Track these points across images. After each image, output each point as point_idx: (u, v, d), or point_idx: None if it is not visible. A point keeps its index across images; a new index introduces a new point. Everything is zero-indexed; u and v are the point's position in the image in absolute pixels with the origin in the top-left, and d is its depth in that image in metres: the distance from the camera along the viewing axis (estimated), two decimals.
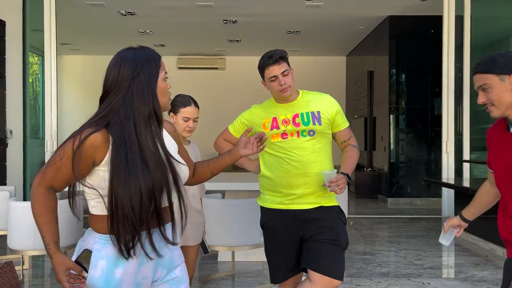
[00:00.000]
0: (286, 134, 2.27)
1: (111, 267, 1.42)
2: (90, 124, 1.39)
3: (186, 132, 2.56)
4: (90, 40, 9.59)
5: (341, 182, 2.15)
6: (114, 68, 1.44)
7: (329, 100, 2.33)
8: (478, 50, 7.01)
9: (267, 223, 2.35)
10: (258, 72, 2.37)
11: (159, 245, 1.46)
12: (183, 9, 7.27)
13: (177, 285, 1.56)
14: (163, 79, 1.49)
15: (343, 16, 7.76)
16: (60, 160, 1.37)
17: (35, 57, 7.63)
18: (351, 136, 2.38)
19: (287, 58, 2.29)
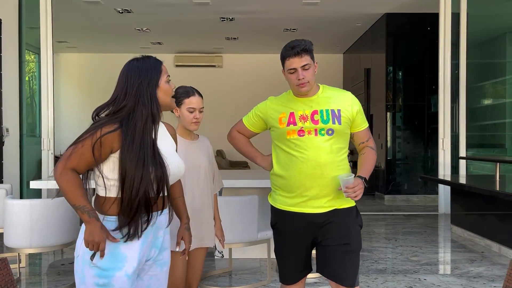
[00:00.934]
0: (303, 131, 2.12)
1: (117, 244, 1.61)
2: (108, 122, 1.64)
3: (194, 125, 2.40)
4: (87, 38, 9.57)
5: (358, 188, 2.01)
6: (124, 77, 1.71)
7: (350, 99, 2.19)
8: (474, 47, 7.04)
9: (279, 224, 2.24)
10: (255, 70, 2.34)
11: (152, 229, 1.69)
12: (180, 6, 7.26)
13: (161, 267, 1.78)
14: (165, 81, 1.74)
15: (340, 14, 7.76)
16: (82, 147, 1.60)
17: (31, 55, 7.61)
18: (370, 138, 2.26)
19: (312, 50, 2.13)
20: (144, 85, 1.68)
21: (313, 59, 2.13)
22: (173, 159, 1.76)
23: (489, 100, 8.42)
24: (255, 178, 4.04)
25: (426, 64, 7.98)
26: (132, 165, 1.59)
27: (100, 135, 1.59)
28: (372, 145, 2.25)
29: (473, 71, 6.97)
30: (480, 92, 8.19)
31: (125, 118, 1.65)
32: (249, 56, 11.18)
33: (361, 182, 2.05)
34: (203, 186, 2.42)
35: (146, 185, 1.60)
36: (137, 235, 1.62)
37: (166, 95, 1.73)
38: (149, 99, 1.67)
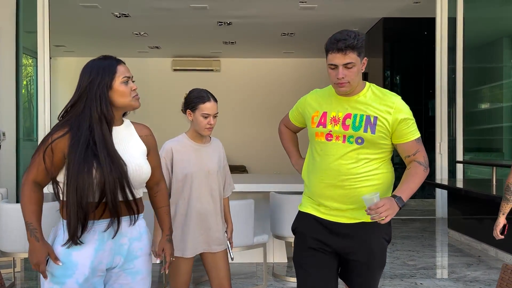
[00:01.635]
0: (331, 135, 1.93)
1: (69, 250, 1.58)
2: (58, 127, 1.63)
3: (207, 130, 2.37)
4: (85, 42, 9.57)
5: (384, 209, 1.74)
6: (79, 78, 1.70)
7: (394, 105, 1.89)
8: (471, 52, 7.06)
9: (299, 227, 2.05)
10: (253, 74, 2.26)
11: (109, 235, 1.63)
12: (177, 11, 7.27)
13: (133, 275, 1.71)
14: (121, 82, 1.68)
15: (337, 18, 7.78)
16: (38, 157, 1.59)
17: (29, 59, 7.60)
18: (419, 151, 1.94)
19: (361, 47, 1.86)
20: (93, 85, 1.64)
21: (361, 56, 1.88)
22: (129, 162, 1.67)
23: (486, 104, 8.43)
24: (252, 182, 4.04)
25: (423, 68, 8.00)
26: (74, 169, 1.55)
27: (50, 141, 1.58)
28: (421, 159, 1.93)
29: (470, 76, 6.99)
30: (477, 96, 8.20)
31: (75, 120, 1.62)
32: (247, 60, 11.19)
33: (388, 202, 1.77)
34: (212, 191, 2.39)
35: (87, 190, 1.55)
36: (74, 241, 1.57)
37: (122, 97, 1.68)
38: (98, 100, 1.63)
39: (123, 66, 1.71)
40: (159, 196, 1.91)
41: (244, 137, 11.08)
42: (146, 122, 1.97)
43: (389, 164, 2.00)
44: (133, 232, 1.70)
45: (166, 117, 11.33)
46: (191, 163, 2.35)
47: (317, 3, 6.94)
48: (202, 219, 2.35)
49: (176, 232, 2.32)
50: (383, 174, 1.95)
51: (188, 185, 2.34)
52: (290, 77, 11.20)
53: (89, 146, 1.57)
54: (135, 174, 1.68)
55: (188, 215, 2.35)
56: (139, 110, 1.79)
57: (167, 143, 2.42)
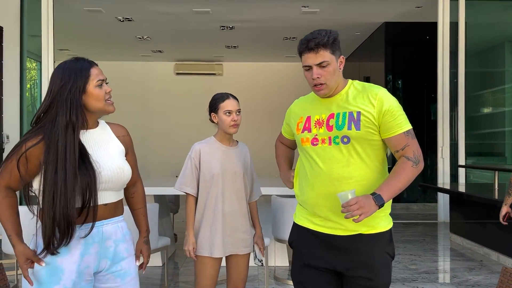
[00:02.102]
0: (317, 139, 1.79)
1: (54, 257, 1.56)
2: (32, 134, 1.58)
3: (232, 128, 2.38)
4: (88, 46, 9.62)
5: (356, 207, 1.59)
6: (50, 81, 1.63)
7: (376, 96, 1.73)
8: (472, 56, 7.08)
9: (295, 241, 1.92)
10: (255, 78, 2.23)
11: (94, 239, 1.62)
12: (180, 15, 7.31)
13: (122, 277, 1.70)
14: (95, 86, 1.63)
15: (339, 23, 7.81)
16: (11, 163, 1.56)
17: (33, 62, 7.65)
18: (408, 145, 1.74)
19: (334, 44, 1.74)
20: (65, 90, 1.58)
21: (336, 55, 1.76)
22: (111, 164, 1.65)
23: (488, 108, 8.43)
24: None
25: (425, 72, 8.01)
26: (50, 177, 1.52)
27: (24, 150, 1.55)
28: (410, 154, 1.74)
29: (472, 80, 7.00)
30: (479, 100, 8.21)
31: (48, 127, 1.57)
32: (249, 64, 11.23)
33: (363, 200, 1.61)
34: (237, 193, 2.42)
35: (67, 197, 1.51)
36: (49, 250, 1.53)
37: (97, 100, 1.63)
38: (68, 105, 1.57)
39: (96, 68, 1.66)
40: (136, 197, 1.88)
41: (246, 140, 11.03)
42: (149, 125, 1.98)
43: (384, 166, 1.83)
44: (118, 234, 1.69)
45: (168, 120, 11.38)
46: (218, 164, 2.39)
47: (319, 7, 6.98)
48: (229, 220, 2.39)
49: (205, 232, 2.37)
50: (381, 176, 1.77)
51: (215, 185, 2.38)
52: (292, 81, 11.23)
53: (65, 153, 1.54)
54: (117, 176, 1.66)
55: (216, 215, 2.38)
56: (141, 113, 1.78)
57: (196, 144, 2.45)
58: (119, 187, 1.71)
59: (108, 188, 1.65)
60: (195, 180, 2.40)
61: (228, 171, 2.40)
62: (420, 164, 1.76)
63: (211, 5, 6.86)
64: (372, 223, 1.77)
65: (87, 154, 1.61)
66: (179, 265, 4.59)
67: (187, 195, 2.42)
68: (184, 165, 2.45)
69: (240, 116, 2.43)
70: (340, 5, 6.91)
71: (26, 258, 1.56)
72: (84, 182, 1.54)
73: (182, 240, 5.63)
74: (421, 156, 1.77)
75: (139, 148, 2.14)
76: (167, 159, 10.54)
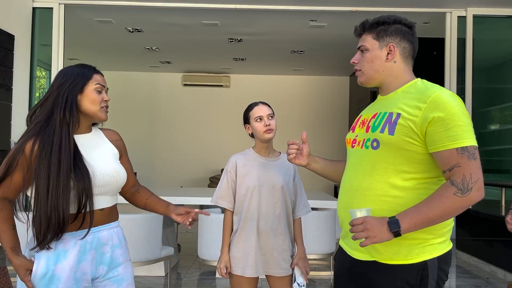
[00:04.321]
0: (355, 141, 1.58)
1: (51, 264, 1.55)
2: (27, 139, 1.56)
3: (267, 133, 2.23)
4: (97, 56, 9.73)
5: (361, 228, 1.32)
6: (53, 80, 1.65)
7: (429, 99, 1.40)
8: (480, 72, 7.07)
9: (336, 261, 1.70)
10: (261, 90, 2.18)
11: (91, 245, 1.60)
12: (189, 27, 7.39)
13: (119, 283, 1.68)
14: (93, 89, 1.64)
15: (346, 37, 7.85)
16: (7, 171, 1.53)
17: (42, 71, 7.74)
18: (459, 166, 1.35)
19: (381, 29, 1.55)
20: (64, 87, 1.60)
21: (381, 41, 1.54)
22: (105, 168, 1.64)
23: (496, 125, 8.39)
24: None
25: None
26: (44, 171, 1.49)
27: (24, 156, 1.52)
28: (458, 178, 1.35)
29: (479, 96, 6.99)
30: (487, 117, 8.18)
31: (43, 123, 1.57)
32: (256, 76, 11.29)
33: (373, 222, 1.33)
34: (274, 208, 2.24)
35: (63, 201, 1.48)
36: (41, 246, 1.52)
37: (92, 104, 1.63)
38: (64, 101, 1.58)
39: (99, 75, 1.68)
40: (141, 190, 1.86)
41: None
42: (156, 136, 1.99)
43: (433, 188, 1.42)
44: (114, 239, 1.69)
45: (175, 131, 11.42)
46: (254, 177, 2.26)
47: (327, 21, 7.03)
48: (264, 238, 2.24)
49: (238, 248, 2.24)
50: (415, 197, 1.40)
51: (251, 199, 2.24)
52: (299, 94, 11.27)
53: (56, 153, 1.52)
54: (114, 179, 1.65)
55: (251, 231, 2.24)
56: (148, 123, 1.79)
57: (233, 157, 2.34)
58: (114, 191, 1.70)
59: (103, 192, 1.64)
60: (231, 194, 2.27)
61: (265, 184, 2.24)
62: (471, 194, 1.34)
63: (220, 18, 6.93)
64: (391, 250, 1.40)
65: (81, 156, 1.59)
66: (182, 276, 4.57)
67: (224, 209, 2.31)
68: (221, 178, 2.34)
69: (273, 120, 2.27)
70: (348, 20, 6.96)
71: (26, 269, 1.54)
72: (80, 186, 1.52)
73: (186, 251, 5.61)
74: (475, 184, 1.35)
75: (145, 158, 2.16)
76: (174, 170, 10.56)
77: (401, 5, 6.30)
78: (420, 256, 1.42)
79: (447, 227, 1.48)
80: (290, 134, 2.22)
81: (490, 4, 6.29)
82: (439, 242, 1.45)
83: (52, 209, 1.49)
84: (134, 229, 3.23)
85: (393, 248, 1.41)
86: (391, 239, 1.34)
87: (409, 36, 1.57)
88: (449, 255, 1.51)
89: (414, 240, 1.41)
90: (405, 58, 1.57)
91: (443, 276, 1.48)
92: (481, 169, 1.39)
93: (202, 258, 3.42)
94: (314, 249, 3.56)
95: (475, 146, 1.40)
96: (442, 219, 1.36)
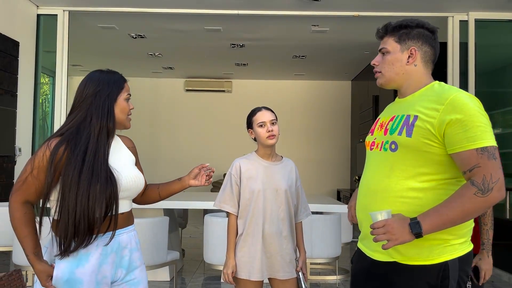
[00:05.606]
0: (374, 143, 1.60)
1: (72, 268, 1.55)
2: (56, 137, 1.58)
3: (269, 139, 2.27)
4: (100, 62, 9.78)
5: (383, 230, 1.34)
6: (81, 86, 1.66)
7: (446, 101, 1.42)
8: (482, 76, 7.09)
9: (353, 263, 1.71)
10: (263, 95, 2.18)
11: (112, 248, 1.62)
12: (192, 32, 7.43)
13: (136, 286, 1.70)
14: (124, 99, 1.69)
15: (348, 42, 7.89)
16: (31, 174, 1.53)
17: (46, 77, 7.78)
18: (479, 166, 1.36)
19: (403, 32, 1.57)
20: (101, 96, 1.62)
21: (403, 44, 1.57)
22: (128, 173, 1.68)
23: (498, 129, 8.40)
24: None
25: None
26: (75, 178, 1.50)
27: (51, 159, 1.52)
28: (479, 179, 1.35)
29: (481, 100, 6.96)
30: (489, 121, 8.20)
31: (77, 130, 1.57)
32: (258, 81, 11.33)
33: (394, 223, 1.34)
34: (279, 211, 2.27)
35: (92, 205, 1.51)
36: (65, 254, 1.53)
37: (122, 113, 1.68)
38: (105, 112, 1.61)
39: (127, 84, 1.74)
40: (149, 187, 1.90)
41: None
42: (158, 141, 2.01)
43: (452, 188, 1.42)
44: (132, 242, 1.72)
45: (178, 136, 11.45)
46: (258, 181, 2.28)
47: (329, 26, 7.06)
48: (269, 241, 2.25)
49: (243, 252, 2.25)
50: (434, 198, 1.41)
51: (255, 202, 2.26)
52: (301, 99, 11.29)
53: (90, 160, 1.54)
54: (135, 185, 1.70)
55: (256, 235, 2.26)
56: (151, 128, 1.83)
57: (236, 160, 2.35)
58: (133, 196, 1.74)
59: (125, 197, 1.68)
60: (235, 198, 2.28)
61: (269, 188, 2.26)
62: (492, 195, 1.33)
63: (223, 23, 6.97)
64: (412, 251, 1.42)
65: (107, 161, 1.63)
66: (186, 281, 4.57)
67: (228, 213, 2.31)
68: (224, 182, 2.34)
69: (276, 126, 2.31)
70: (349, 25, 7.00)
71: (48, 275, 1.55)
72: (108, 191, 1.55)
73: (190, 256, 5.60)
74: (496, 184, 1.34)
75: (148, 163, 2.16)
76: (176, 175, 10.49)
77: (404, 10, 6.34)
78: (441, 256, 1.43)
79: (467, 227, 1.48)
80: (292, 139, 2.21)
81: (491, 9, 6.32)
82: (460, 242, 1.46)
83: (81, 215, 1.50)
84: (140, 233, 3.23)
85: (414, 249, 1.42)
86: (412, 241, 1.36)
87: (430, 40, 1.61)
88: (470, 256, 1.51)
89: (435, 241, 1.42)
90: (426, 62, 1.61)
91: (464, 277, 1.48)
92: (501, 169, 1.40)
93: (208, 262, 3.42)
94: (319, 253, 3.56)
95: (494, 146, 1.41)
96: (463, 220, 1.37)
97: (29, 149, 6.30)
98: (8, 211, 1.55)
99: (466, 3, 6.14)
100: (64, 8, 6.37)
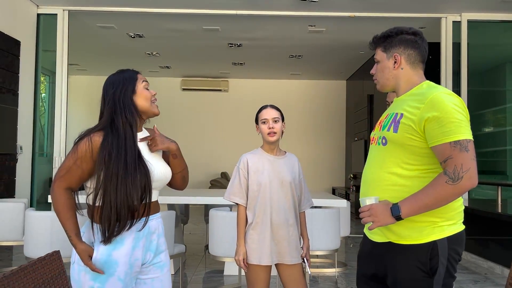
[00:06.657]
0: (373, 139, 1.81)
1: (110, 250, 1.70)
2: (94, 131, 1.74)
3: (270, 136, 2.42)
4: (98, 61, 9.83)
5: (368, 214, 1.57)
6: (103, 92, 1.83)
7: (426, 100, 1.59)
8: (475, 76, 7.25)
9: (360, 248, 1.89)
10: (260, 94, 2.27)
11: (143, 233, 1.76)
12: (190, 32, 7.52)
13: (162, 268, 1.86)
14: (143, 88, 1.83)
15: (344, 42, 8.02)
16: (75, 163, 1.69)
17: (45, 76, 7.83)
18: (451, 157, 1.51)
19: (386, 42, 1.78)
20: (118, 94, 1.77)
21: (387, 52, 1.75)
22: (158, 165, 1.83)
23: (490, 127, 8.58)
24: None
25: None
26: (114, 170, 1.66)
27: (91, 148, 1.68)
28: (450, 168, 1.51)
29: (474, 99, 7.16)
30: (481, 119, 8.36)
31: (108, 127, 1.74)
32: (254, 81, 11.43)
33: (378, 207, 1.57)
34: (284, 202, 2.43)
35: (130, 193, 1.66)
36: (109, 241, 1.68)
37: (146, 100, 1.82)
38: (122, 105, 1.76)
39: (141, 74, 1.87)
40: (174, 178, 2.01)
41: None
42: None
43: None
44: (159, 228, 1.87)
45: (174, 134, 11.52)
46: (265, 173, 2.43)
47: (325, 26, 7.19)
48: (277, 229, 2.41)
49: (253, 240, 2.40)
50: (420, 185, 1.58)
51: (262, 193, 2.41)
52: (297, 98, 11.41)
53: (123, 153, 1.69)
54: (164, 176, 1.85)
55: (264, 223, 2.41)
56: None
57: (244, 155, 2.50)
58: (162, 186, 1.88)
59: (155, 187, 1.83)
60: (243, 190, 2.44)
61: (275, 180, 2.42)
62: (461, 182, 1.49)
63: (221, 23, 7.07)
64: (404, 232, 1.61)
65: (141, 154, 1.77)
66: (189, 274, 4.67)
67: (237, 205, 2.45)
68: (232, 176, 2.50)
69: (278, 124, 2.45)
70: (345, 25, 7.13)
71: (89, 255, 1.69)
72: (143, 181, 1.70)
73: (191, 251, 5.70)
74: (466, 173, 1.50)
75: None
76: None
77: (398, 11, 6.48)
78: (429, 236, 1.60)
79: (454, 210, 1.64)
80: (288, 137, 2.36)
81: (484, 10, 6.47)
82: (448, 224, 1.62)
83: (122, 203, 1.65)
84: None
85: (406, 231, 1.62)
86: (394, 223, 1.57)
87: (413, 43, 1.77)
88: (461, 236, 1.65)
89: (423, 223, 1.60)
90: (412, 63, 1.76)
91: (454, 255, 1.64)
92: (474, 160, 1.55)
93: (213, 254, 3.53)
94: (319, 245, 3.68)
95: (468, 139, 1.55)
96: (438, 205, 1.55)
97: (30, 148, 6.36)
98: (51, 196, 1.73)
99: (459, 4, 6.29)
100: (64, 7, 6.44)
